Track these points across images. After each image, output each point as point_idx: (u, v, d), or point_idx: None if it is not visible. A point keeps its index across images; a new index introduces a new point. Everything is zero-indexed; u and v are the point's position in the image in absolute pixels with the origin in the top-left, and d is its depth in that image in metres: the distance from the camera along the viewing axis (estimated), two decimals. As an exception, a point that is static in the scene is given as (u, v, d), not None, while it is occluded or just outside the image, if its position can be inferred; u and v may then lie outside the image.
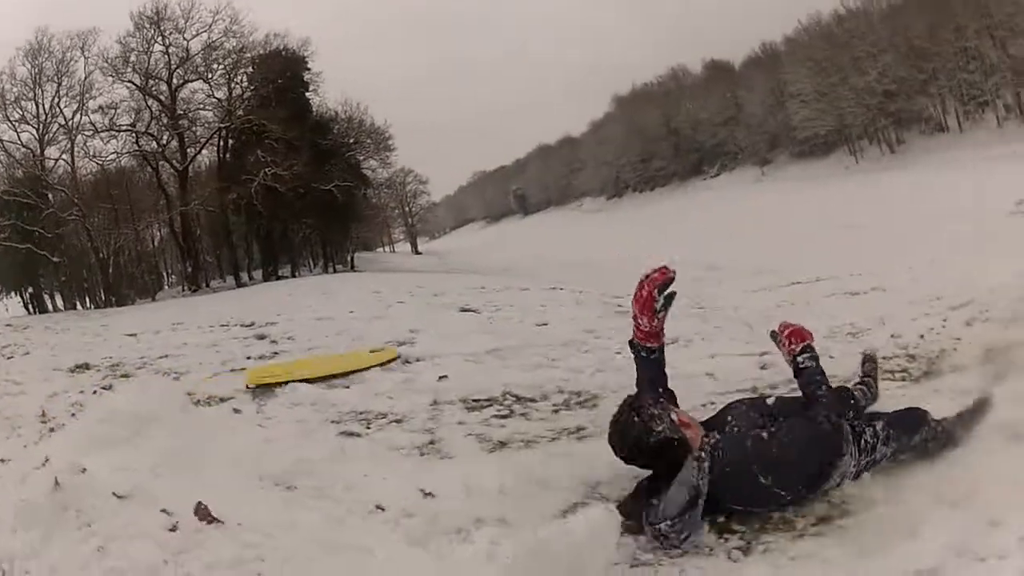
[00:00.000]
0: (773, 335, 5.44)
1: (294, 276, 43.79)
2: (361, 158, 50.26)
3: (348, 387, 8.24)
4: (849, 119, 72.24)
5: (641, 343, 5.14)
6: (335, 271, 47.04)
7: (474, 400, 7.47)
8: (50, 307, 41.34)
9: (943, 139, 69.56)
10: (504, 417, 6.98)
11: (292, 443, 6.19)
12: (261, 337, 12.95)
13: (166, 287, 47.09)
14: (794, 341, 5.16)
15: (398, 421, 6.92)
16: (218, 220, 45.29)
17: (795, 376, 5.17)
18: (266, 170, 40.10)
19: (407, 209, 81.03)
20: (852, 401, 5.52)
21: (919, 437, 4.98)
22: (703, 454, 4.40)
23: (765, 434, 4.44)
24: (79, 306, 41.47)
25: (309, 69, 46.76)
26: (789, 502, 4.53)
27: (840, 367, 8.05)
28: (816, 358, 5.09)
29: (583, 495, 4.97)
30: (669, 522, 4.26)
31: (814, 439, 4.56)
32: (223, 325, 14.79)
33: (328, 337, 12.17)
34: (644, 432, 4.45)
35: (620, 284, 20.43)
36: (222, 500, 4.22)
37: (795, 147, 77.33)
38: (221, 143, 44.45)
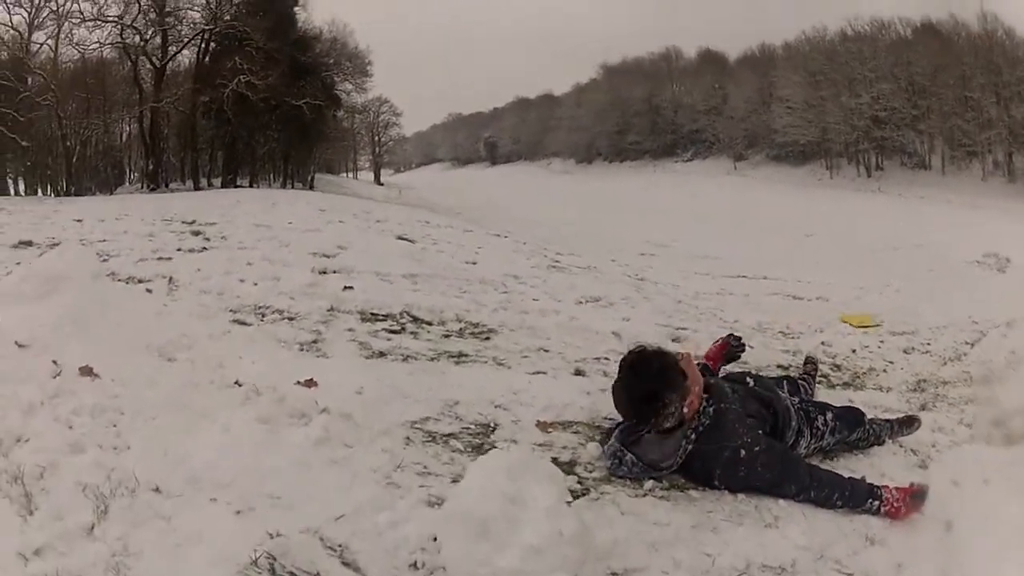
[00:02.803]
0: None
1: (251, 187, 43.23)
2: (337, 79, 50.51)
3: (256, 284, 8.20)
4: (832, 134, 72.45)
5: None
6: (293, 188, 46.61)
7: (372, 313, 7.41)
8: (11, 191, 40.19)
9: (923, 176, 69.98)
10: (394, 333, 6.90)
11: (184, 320, 6.37)
12: (196, 233, 13.01)
13: (127, 183, 45.79)
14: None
15: (291, 319, 6.88)
16: (187, 122, 44.34)
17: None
18: (241, 77, 39.65)
19: (376, 138, 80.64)
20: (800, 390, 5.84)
21: (856, 435, 5.21)
22: (691, 434, 4.42)
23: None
24: (40, 192, 40.66)
25: (302, -18, 45.98)
26: None
27: (753, 357, 8.03)
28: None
29: (438, 411, 4.98)
30: (635, 458, 4.41)
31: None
32: (165, 220, 14.81)
33: (260, 241, 12.16)
34: (654, 423, 4.42)
35: (568, 245, 20.36)
36: (107, 359, 4.83)
37: (772, 149, 77.51)
38: (203, 45, 43.58)
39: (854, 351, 9.11)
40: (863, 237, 38.56)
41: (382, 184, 75.26)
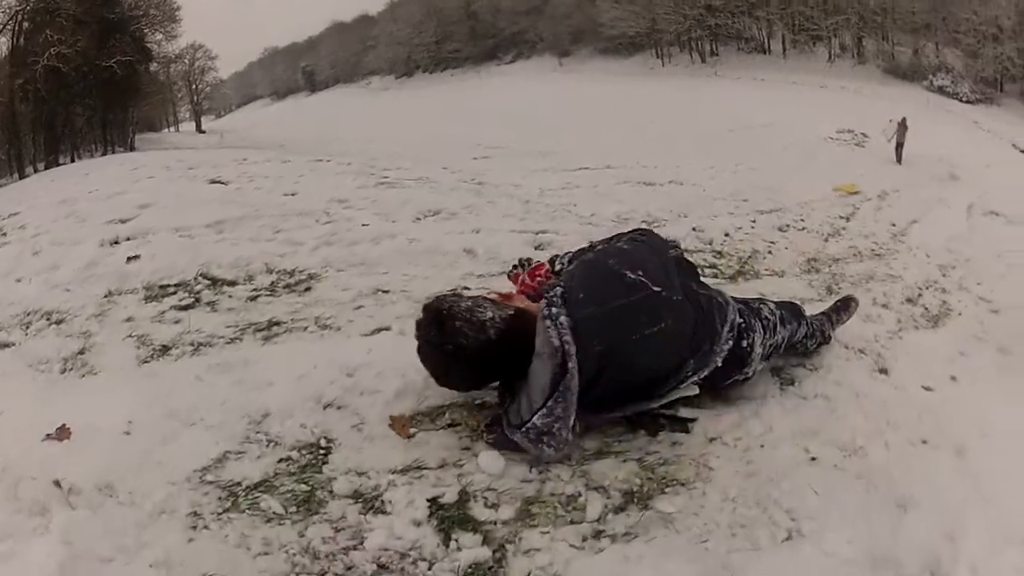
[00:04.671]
0: None
1: (73, 162, 41.09)
2: (147, 31, 49.80)
3: (31, 281, 6.38)
4: (662, 24, 74.59)
5: None
6: (114, 153, 43.98)
7: (160, 286, 5.70)
8: None
9: (762, 60, 74.87)
10: (185, 308, 5.27)
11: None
12: (-7, 230, 11.26)
13: (-42, 189, 43.85)
14: None
15: (59, 322, 5.15)
16: (7, 111, 42.70)
17: None
18: (52, 50, 39.17)
19: (194, 86, 79.73)
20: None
21: (804, 329, 4.40)
22: (553, 309, 3.20)
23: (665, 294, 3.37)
24: None
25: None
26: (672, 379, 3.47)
27: None
28: None
29: (240, 438, 3.37)
30: (540, 412, 3.10)
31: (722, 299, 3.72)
32: (-27, 220, 13.13)
33: (56, 221, 10.20)
34: (478, 332, 3.22)
35: (396, 160, 19.24)
36: None
37: (599, 43, 79.36)
38: (16, 27, 42.59)
39: (727, 235, 9.03)
40: (704, 120, 40.24)
41: (204, 131, 74.20)
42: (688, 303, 3.51)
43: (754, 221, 10.31)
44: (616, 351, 3.23)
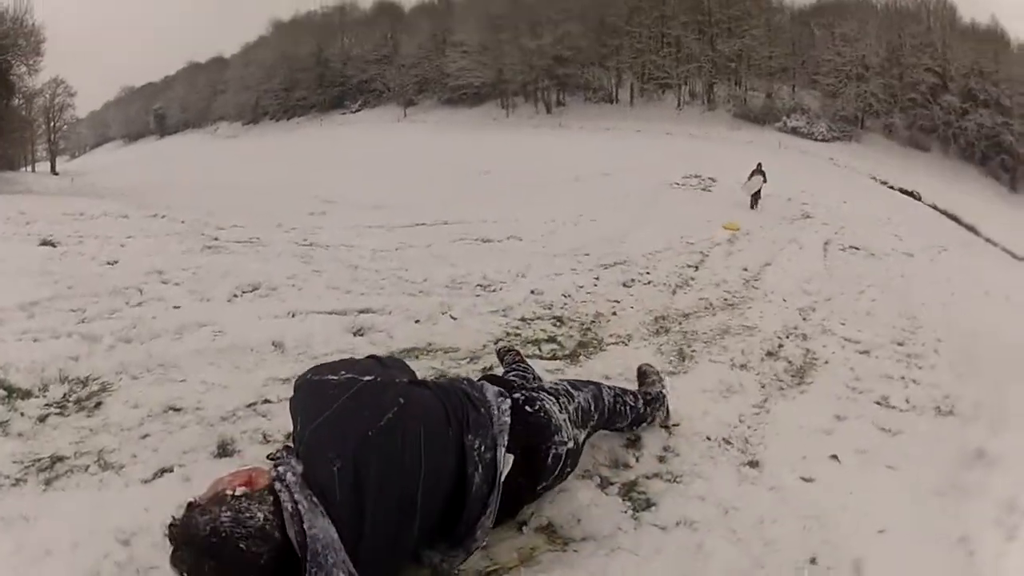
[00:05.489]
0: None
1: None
2: (13, 62, 47.74)
3: None
4: (509, 75, 75.90)
5: None
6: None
7: None
8: None
9: (609, 109, 77.90)
10: None
11: None
12: None
13: None
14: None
15: None
16: None
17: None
18: None
19: (52, 124, 78.08)
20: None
21: (610, 391, 4.08)
22: (279, 468, 2.76)
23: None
24: None
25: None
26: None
27: (462, 334, 6.68)
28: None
29: None
30: None
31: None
32: None
33: None
34: (264, 542, 2.57)
35: (231, 215, 18.32)
36: None
37: (444, 93, 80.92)
38: None
39: (569, 296, 8.67)
40: (546, 171, 40.52)
41: (57, 173, 71.65)
42: (424, 385, 3.35)
43: (597, 278, 10.09)
44: (360, 456, 2.78)
